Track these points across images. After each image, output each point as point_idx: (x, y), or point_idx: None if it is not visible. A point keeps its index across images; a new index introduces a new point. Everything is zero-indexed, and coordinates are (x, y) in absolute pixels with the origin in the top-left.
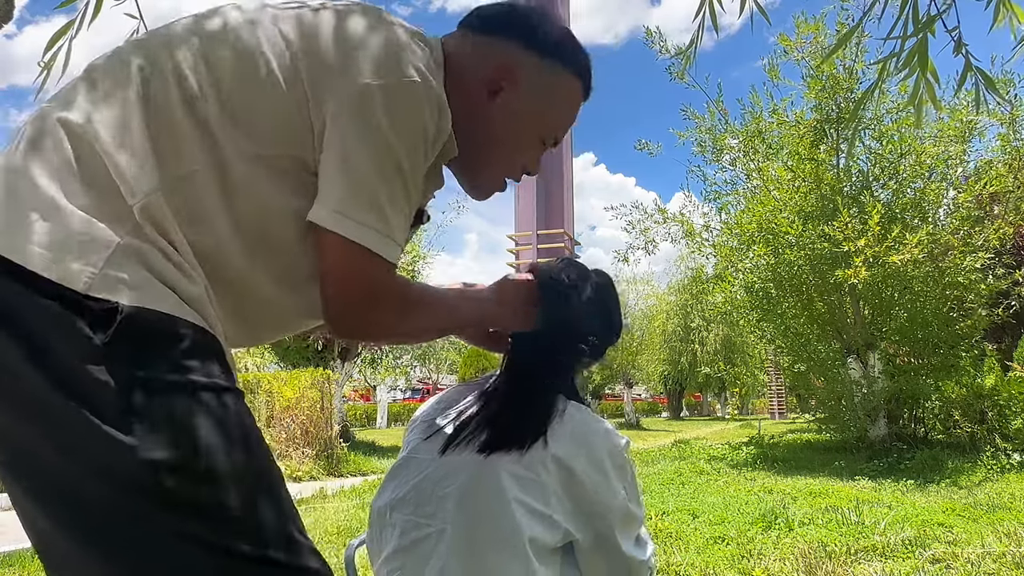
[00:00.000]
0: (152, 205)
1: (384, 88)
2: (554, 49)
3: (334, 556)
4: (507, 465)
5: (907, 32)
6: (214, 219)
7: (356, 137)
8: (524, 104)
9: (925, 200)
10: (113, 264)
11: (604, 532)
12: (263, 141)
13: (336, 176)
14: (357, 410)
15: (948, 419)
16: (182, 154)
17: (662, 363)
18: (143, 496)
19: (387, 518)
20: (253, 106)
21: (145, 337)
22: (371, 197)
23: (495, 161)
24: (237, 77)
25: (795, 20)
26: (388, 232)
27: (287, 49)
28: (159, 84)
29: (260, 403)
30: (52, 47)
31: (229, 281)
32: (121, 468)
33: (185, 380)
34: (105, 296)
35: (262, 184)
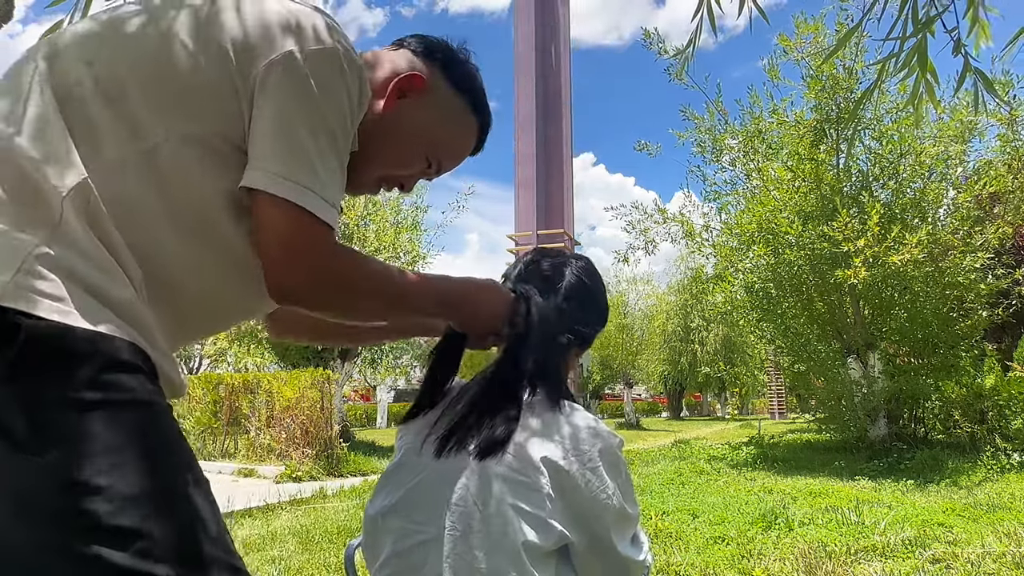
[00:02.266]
0: (76, 205)
1: (309, 54)
2: (469, 91)
3: (334, 556)
4: (499, 469)
5: (906, 32)
6: (147, 211)
7: (287, 101)
8: (425, 116)
9: (925, 200)
10: (27, 272)
11: (599, 533)
12: (191, 119)
13: (270, 140)
14: (357, 410)
15: (948, 419)
16: (106, 148)
17: (662, 363)
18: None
19: (381, 524)
20: (178, 85)
21: (53, 355)
22: (307, 160)
23: (379, 160)
24: (158, 59)
25: (795, 20)
26: (325, 195)
27: (207, 27)
28: (71, 79)
29: (260, 403)
30: None
31: (168, 275)
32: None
33: (97, 398)
34: (13, 305)
35: (193, 167)
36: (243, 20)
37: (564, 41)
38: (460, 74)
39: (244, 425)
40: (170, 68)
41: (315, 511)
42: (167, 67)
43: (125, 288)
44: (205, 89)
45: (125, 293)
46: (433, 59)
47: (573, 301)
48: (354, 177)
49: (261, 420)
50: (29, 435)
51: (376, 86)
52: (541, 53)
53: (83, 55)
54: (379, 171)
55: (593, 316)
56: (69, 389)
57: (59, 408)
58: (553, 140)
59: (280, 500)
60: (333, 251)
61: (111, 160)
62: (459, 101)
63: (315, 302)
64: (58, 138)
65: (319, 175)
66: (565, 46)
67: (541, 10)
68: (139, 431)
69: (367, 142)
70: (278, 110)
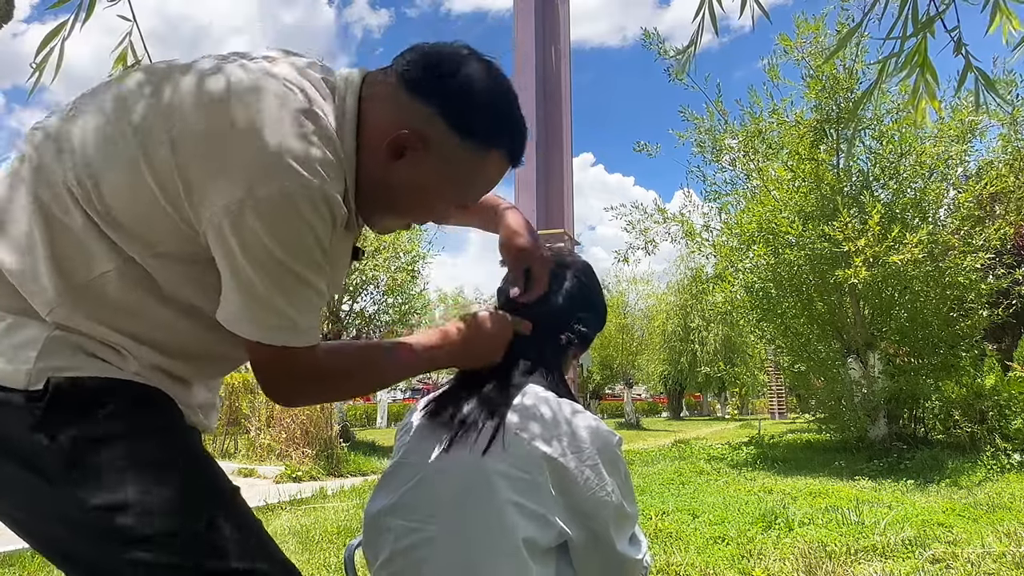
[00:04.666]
0: (61, 315)
1: (257, 204)
2: (478, 127)
3: (334, 556)
4: (499, 466)
5: (907, 32)
6: (138, 304)
7: (238, 254)
8: (428, 175)
9: (925, 200)
10: (46, 355)
11: (598, 531)
12: (159, 245)
13: (230, 287)
14: (357, 410)
15: (948, 419)
16: (91, 259)
17: (662, 363)
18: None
19: (381, 524)
20: (140, 219)
21: (75, 400)
22: (266, 302)
23: (395, 213)
24: (117, 188)
25: (795, 20)
26: (292, 325)
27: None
28: (55, 197)
29: (260, 403)
30: (44, 48)
31: (172, 342)
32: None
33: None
34: (40, 385)
35: (174, 268)
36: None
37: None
38: (465, 114)
39: (244, 425)
40: (137, 201)
41: (315, 511)
42: (134, 199)
43: (131, 361)
44: (168, 223)
45: (133, 365)
46: (431, 101)
47: (573, 303)
48: (377, 226)
49: (261, 420)
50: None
51: (372, 141)
52: (541, 53)
53: (62, 174)
54: (399, 221)
55: (592, 317)
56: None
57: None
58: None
59: (280, 500)
60: (311, 369)
61: (93, 276)
62: (468, 148)
63: (300, 403)
64: (40, 259)
65: (286, 311)
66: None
67: (541, 10)
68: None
69: (376, 198)
70: (234, 262)
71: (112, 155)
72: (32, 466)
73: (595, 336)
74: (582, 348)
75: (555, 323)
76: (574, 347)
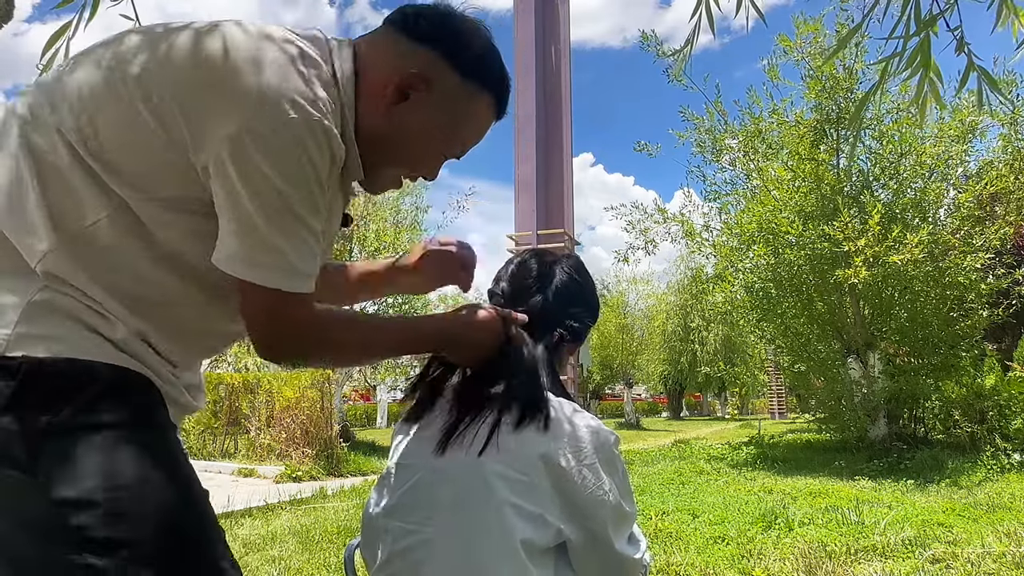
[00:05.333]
0: (52, 266)
1: (259, 132)
2: (474, 68)
3: (334, 556)
4: (496, 467)
5: (909, 31)
6: (131, 257)
7: (239, 184)
8: (431, 115)
9: (925, 200)
10: (26, 321)
11: (596, 531)
12: (154, 188)
13: (229, 225)
14: (357, 410)
15: (948, 419)
16: (82, 206)
17: (662, 363)
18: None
19: (379, 525)
20: (136, 159)
21: (50, 384)
22: (263, 239)
23: (393, 162)
24: (117, 132)
25: (795, 21)
26: (289, 267)
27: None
28: (46, 142)
29: (260, 403)
30: (50, 49)
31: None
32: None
33: (95, 421)
34: (17, 353)
35: (166, 218)
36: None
37: (564, 41)
38: (461, 54)
39: (244, 425)
40: (132, 141)
41: (315, 511)
42: (130, 140)
43: (119, 328)
44: (166, 161)
45: (119, 332)
46: (434, 45)
47: (564, 297)
48: (372, 179)
49: (261, 420)
50: (27, 458)
51: (374, 88)
52: (541, 53)
53: (57, 121)
54: (394, 171)
55: (584, 311)
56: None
57: (57, 432)
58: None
59: (280, 500)
60: (305, 320)
61: (86, 225)
62: (465, 85)
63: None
64: (32, 206)
65: (283, 250)
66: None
67: (541, 10)
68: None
69: (374, 147)
70: (233, 193)
71: (111, 98)
72: None
73: (588, 331)
74: (575, 344)
75: (546, 319)
76: (567, 343)
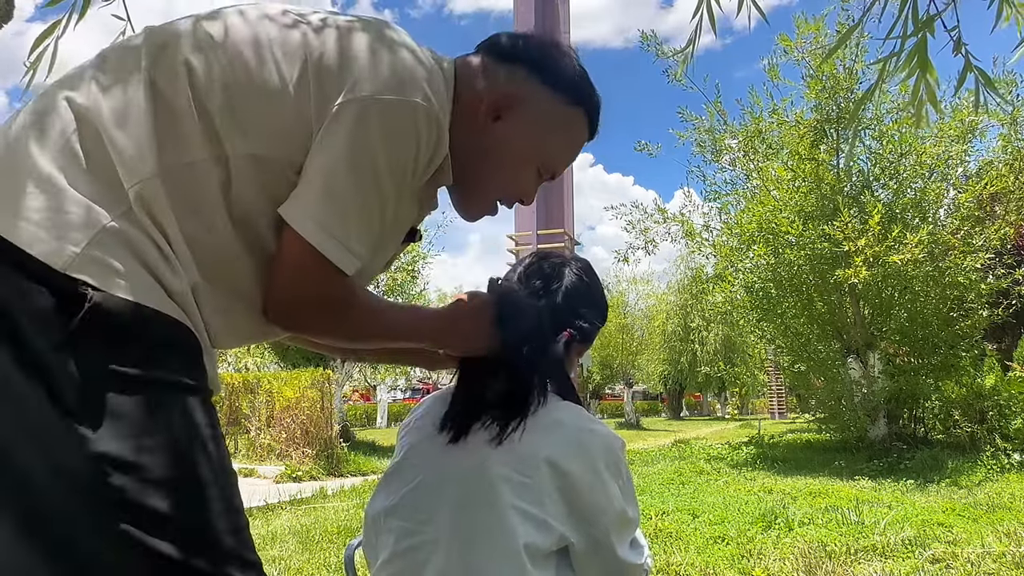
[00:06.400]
0: (147, 191)
1: (384, 104)
2: (566, 85)
3: (334, 556)
4: (501, 470)
5: (907, 31)
6: (211, 210)
7: (344, 147)
8: (525, 133)
9: (925, 200)
10: (97, 245)
11: (599, 536)
12: (261, 143)
13: (315, 180)
14: (357, 410)
15: (948, 419)
16: (185, 144)
17: (662, 363)
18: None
19: (382, 524)
20: (258, 110)
21: (115, 328)
22: (341, 207)
23: (489, 186)
24: (247, 79)
25: (795, 20)
26: (347, 243)
27: (300, 60)
28: (168, 73)
29: (260, 403)
30: (38, 47)
31: (220, 274)
32: (71, 459)
33: (152, 376)
34: (82, 276)
35: (256, 181)
36: (337, 60)
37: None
38: (553, 71)
39: (244, 425)
40: (258, 92)
41: (315, 511)
42: (256, 90)
43: (181, 281)
44: (283, 121)
45: (181, 285)
46: (520, 63)
47: (573, 299)
48: (469, 204)
49: (261, 420)
50: (77, 403)
51: (469, 108)
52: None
53: (185, 56)
54: (492, 195)
55: (593, 313)
56: (122, 363)
57: (110, 380)
58: None
59: (280, 500)
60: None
61: (188, 157)
62: (559, 101)
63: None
64: (142, 130)
65: (350, 226)
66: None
67: (541, 10)
68: (180, 415)
69: (471, 171)
70: (335, 153)
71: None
72: (41, 378)
73: (596, 332)
74: (584, 345)
75: (555, 320)
76: (576, 344)
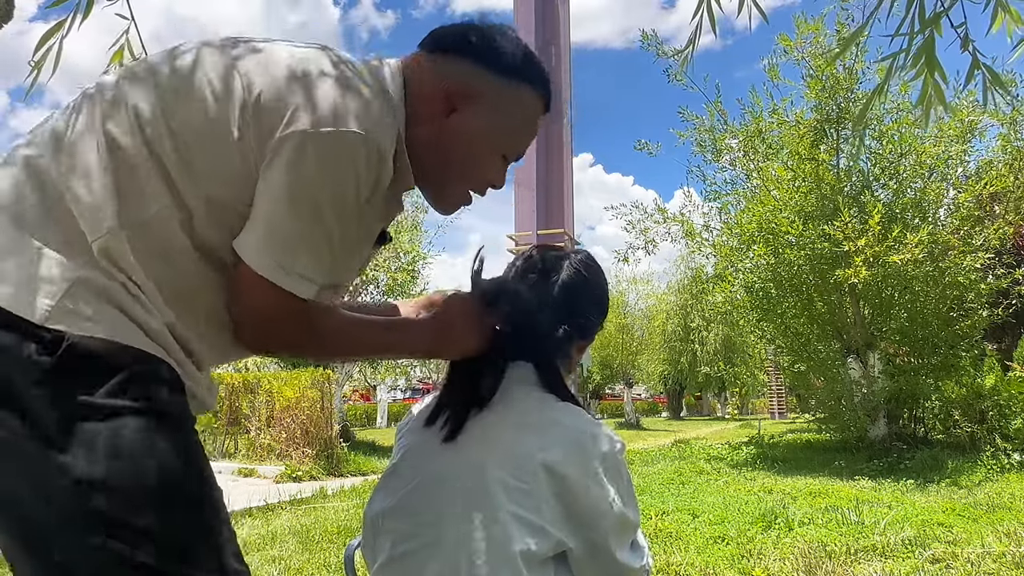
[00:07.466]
0: (111, 244)
1: (317, 137)
2: (512, 66)
3: (334, 556)
4: (498, 474)
5: (914, 29)
6: (177, 250)
7: (284, 182)
8: (480, 123)
9: (925, 200)
10: (70, 297)
11: (597, 540)
12: (212, 185)
13: (259, 215)
14: (357, 410)
15: (948, 419)
16: (144, 193)
17: (662, 363)
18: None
19: (380, 526)
20: (205, 153)
21: (89, 363)
22: (287, 240)
23: (456, 179)
24: (192, 123)
25: (795, 20)
26: (300, 271)
27: (239, 100)
28: (121, 125)
29: (260, 403)
30: (42, 47)
31: (195, 304)
32: (55, 486)
33: (126, 405)
34: (57, 327)
35: (213, 218)
36: (275, 94)
37: (564, 41)
38: (498, 57)
39: (244, 425)
40: (204, 135)
41: (315, 511)
42: (202, 133)
43: (156, 319)
44: (231, 159)
45: (157, 323)
46: (464, 53)
47: (570, 293)
48: (441, 199)
49: (261, 420)
50: (57, 432)
51: (423, 107)
52: (541, 53)
53: (135, 104)
54: (461, 187)
55: (591, 307)
56: (100, 395)
57: (82, 410)
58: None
59: (280, 500)
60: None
61: (150, 207)
62: (508, 84)
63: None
64: (102, 184)
65: (299, 255)
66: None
67: (541, 10)
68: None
69: (436, 168)
70: (276, 189)
71: (187, 90)
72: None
73: (596, 328)
74: (584, 342)
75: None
76: (575, 339)
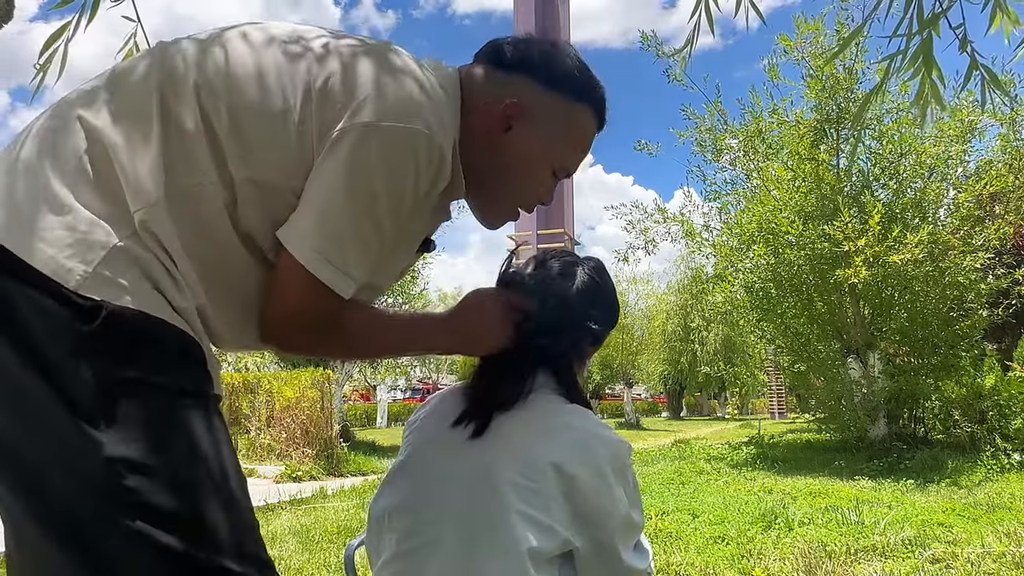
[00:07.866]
0: (153, 216)
1: (384, 131)
2: (569, 83)
3: (334, 556)
4: (507, 473)
5: (912, 30)
6: (218, 231)
7: (343, 173)
8: (537, 140)
9: (925, 200)
10: (107, 265)
11: (604, 541)
12: (262, 168)
13: (312, 205)
14: (357, 410)
15: (948, 419)
16: (193, 166)
17: (662, 363)
18: (103, 492)
19: (385, 523)
20: (262, 134)
21: (127, 336)
22: (337, 232)
23: (507, 194)
24: (252, 103)
25: (795, 20)
26: (343, 267)
27: (303, 85)
28: (178, 95)
29: (260, 403)
30: (48, 49)
31: (229, 288)
32: (85, 462)
33: (162, 382)
34: (93, 295)
35: (258, 203)
36: (342, 85)
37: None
38: (554, 72)
39: (244, 425)
40: (263, 115)
41: (315, 511)
42: (261, 113)
43: (187, 299)
44: (288, 143)
45: (186, 303)
46: (522, 69)
47: (584, 300)
48: (490, 213)
49: (261, 420)
50: (90, 407)
51: (478, 121)
52: None
53: (194, 79)
54: (511, 202)
55: (605, 315)
56: (131, 370)
57: (120, 386)
58: None
59: (280, 500)
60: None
61: (195, 179)
62: (565, 101)
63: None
64: (152, 153)
65: (346, 250)
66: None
67: (541, 11)
68: (195, 420)
69: (489, 183)
70: (334, 178)
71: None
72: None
73: (606, 336)
74: (594, 348)
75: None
76: (588, 345)
